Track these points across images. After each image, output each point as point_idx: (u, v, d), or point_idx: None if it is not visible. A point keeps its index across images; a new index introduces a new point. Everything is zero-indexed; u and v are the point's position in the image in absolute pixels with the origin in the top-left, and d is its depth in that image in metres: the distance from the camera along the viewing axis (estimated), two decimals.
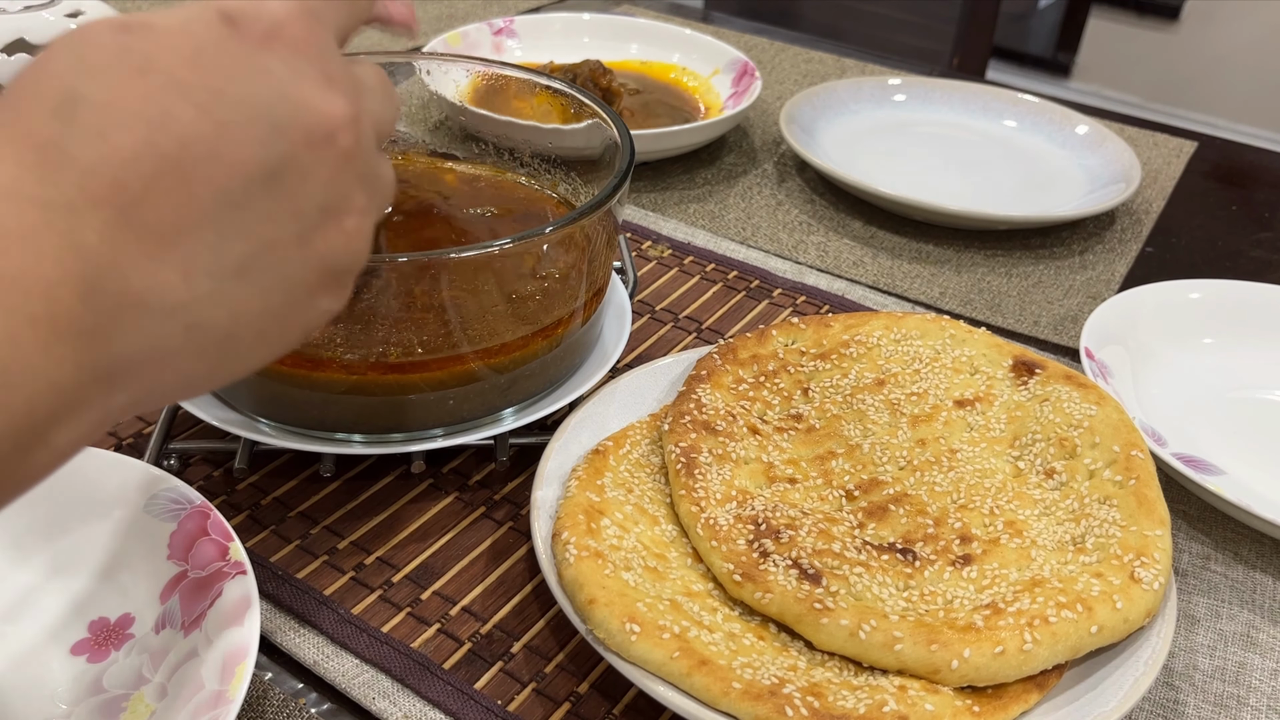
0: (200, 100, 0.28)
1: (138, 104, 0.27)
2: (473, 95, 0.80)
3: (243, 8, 0.30)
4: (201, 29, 0.29)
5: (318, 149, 0.30)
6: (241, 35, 0.30)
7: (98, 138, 0.27)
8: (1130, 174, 0.92)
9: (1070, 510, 0.52)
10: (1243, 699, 0.51)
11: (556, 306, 0.57)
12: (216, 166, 0.28)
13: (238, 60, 0.29)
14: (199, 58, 0.28)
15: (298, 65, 0.30)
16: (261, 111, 0.29)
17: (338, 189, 0.31)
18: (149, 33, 0.29)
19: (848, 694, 0.44)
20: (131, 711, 0.45)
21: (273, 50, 0.30)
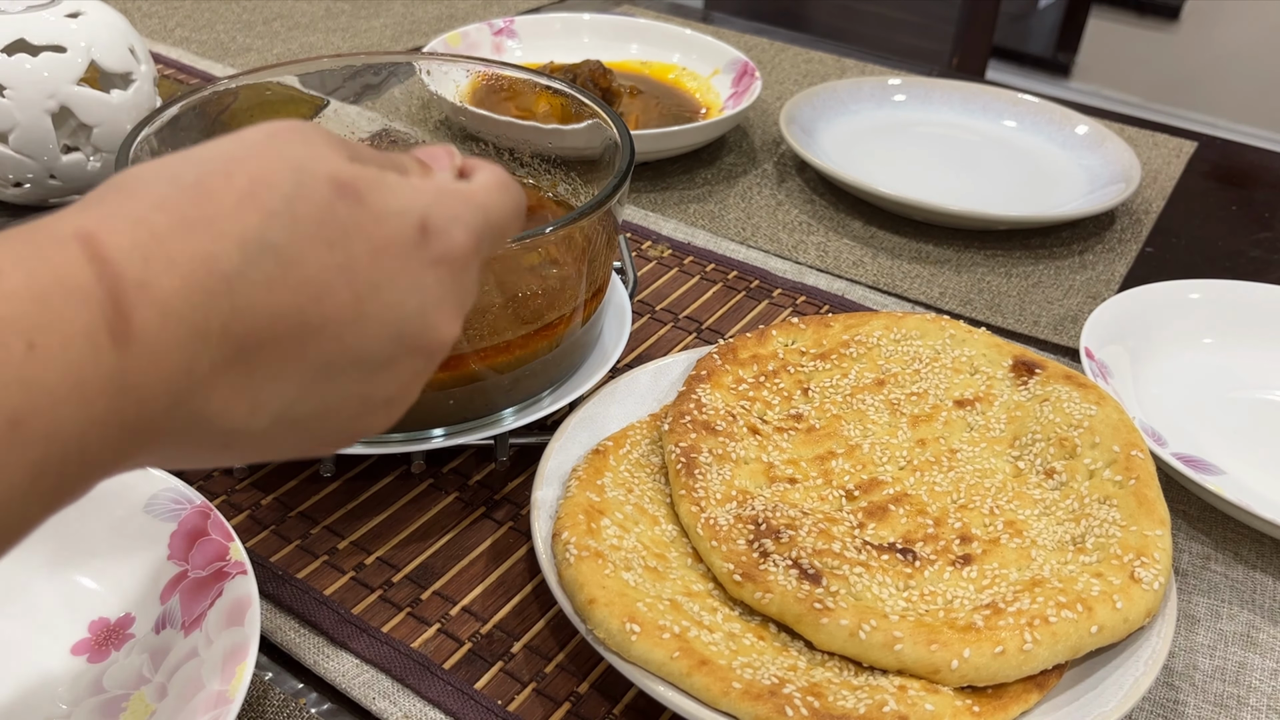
0: (359, 290, 0.30)
1: (312, 273, 0.29)
2: (473, 95, 0.80)
3: (438, 222, 0.33)
4: (398, 225, 0.31)
5: (416, 360, 0.33)
6: (425, 248, 0.32)
7: (265, 287, 0.28)
8: (1130, 174, 0.92)
9: (1070, 510, 0.52)
10: (1243, 699, 0.51)
11: (556, 306, 0.57)
12: (334, 345, 0.30)
13: (408, 268, 0.31)
14: (381, 252, 0.31)
15: (446, 291, 0.33)
16: (398, 319, 0.31)
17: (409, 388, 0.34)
18: (357, 207, 0.30)
19: (848, 694, 0.44)
20: (131, 711, 0.45)
21: (437, 271, 0.32)
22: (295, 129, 0.31)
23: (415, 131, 0.74)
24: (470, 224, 0.34)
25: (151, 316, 0.26)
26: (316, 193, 0.29)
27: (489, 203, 0.35)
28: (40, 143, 0.73)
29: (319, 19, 1.26)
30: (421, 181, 0.33)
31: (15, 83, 0.72)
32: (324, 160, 0.30)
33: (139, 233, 0.26)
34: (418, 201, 0.32)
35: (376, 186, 0.31)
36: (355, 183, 0.30)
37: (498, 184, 0.36)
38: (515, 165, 0.71)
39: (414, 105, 0.74)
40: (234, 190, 0.28)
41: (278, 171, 0.29)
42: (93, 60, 0.74)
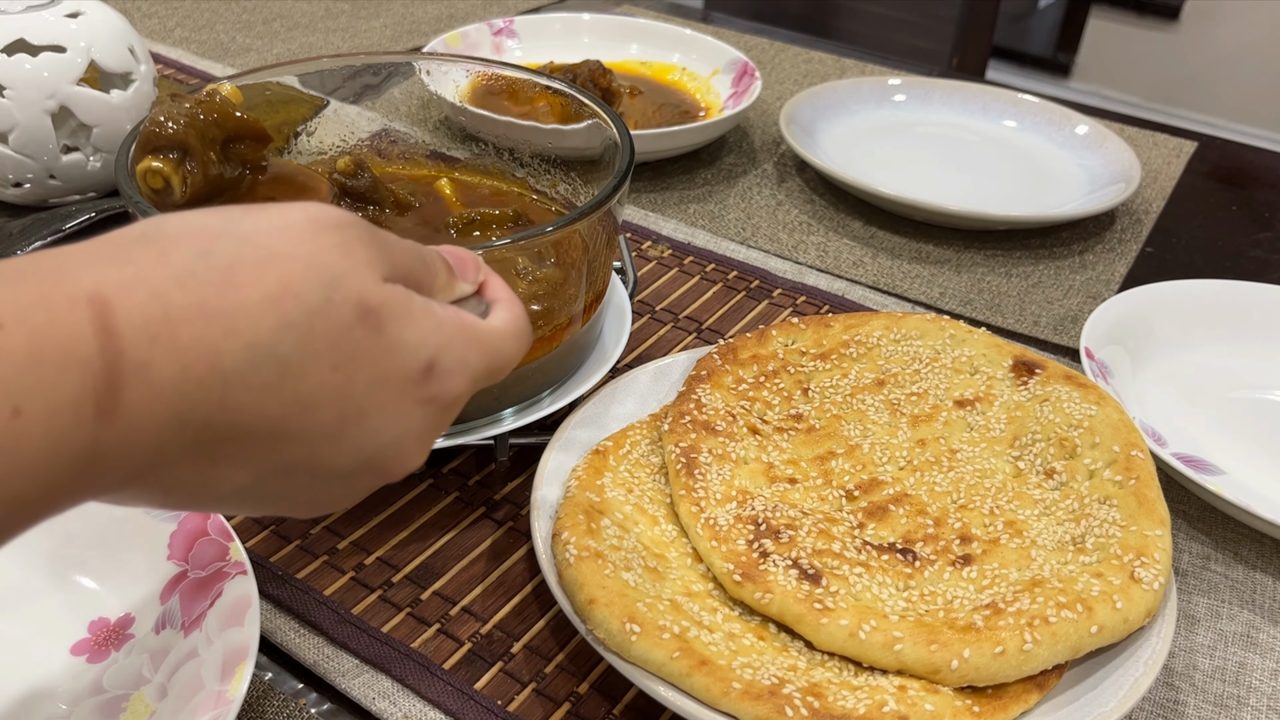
0: (347, 414, 0.30)
1: (308, 389, 0.29)
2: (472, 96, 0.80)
3: (445, 367, 0.33)
4: (406, 361, 0.32)
5: (378, 479, 0.34)
6: (424, 386, 0.33)
7: (260, 393, 0.28)
8: (1130, 174, 0.92)
9: (1070, 510, 0.52)
10: (1243, 699, 0.51)
11: (556, 306, 0.57)
12: (303, 454, 0.30)
13: (401, 402, 0.32)
14: (381, 383, 0.31)
15: (426, 428, 0.33)
16: (372, 446, 0.32)
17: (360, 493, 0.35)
18: (373, 336, 0.30)
19: (848, 694, 0.44)
20: (131, 712, 0.45)
21: (427, 409, 0.33)
22: (340, 228, 0.31)
23: (415, 131, 0.74)
24: (474, 370, 0.35)
25: (141, 397, 0.26)
26: (339, 313, 0.29)
27: (499, 349, 0.36)
28: (40, 143, 0.73)
29: (319, 19, 1.26)
30: (443, 316, 0.34)
31: (15, 83, 0.72)
32: (357, 278, 0.30)
33: (153, 308, 0.26)
34: (432, 339, 0.33)
35: (399, 316, 0.31)
36: (380, 310, 0.31)
37: (513, 332, 0.37)
38: (515, 165, 0.71)
39: (414, 105, 0.74)
40: (260, 289, 0.28)
41: (308, 281, 0.29)
42: (92, 60, 0.74)
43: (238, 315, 0.28)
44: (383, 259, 0.32)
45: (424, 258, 0.35)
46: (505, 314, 0.37)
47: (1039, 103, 1.06)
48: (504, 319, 0.37)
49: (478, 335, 0.35)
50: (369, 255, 0.31)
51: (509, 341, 0.37)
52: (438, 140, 0.74)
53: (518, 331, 0.37)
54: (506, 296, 0.38)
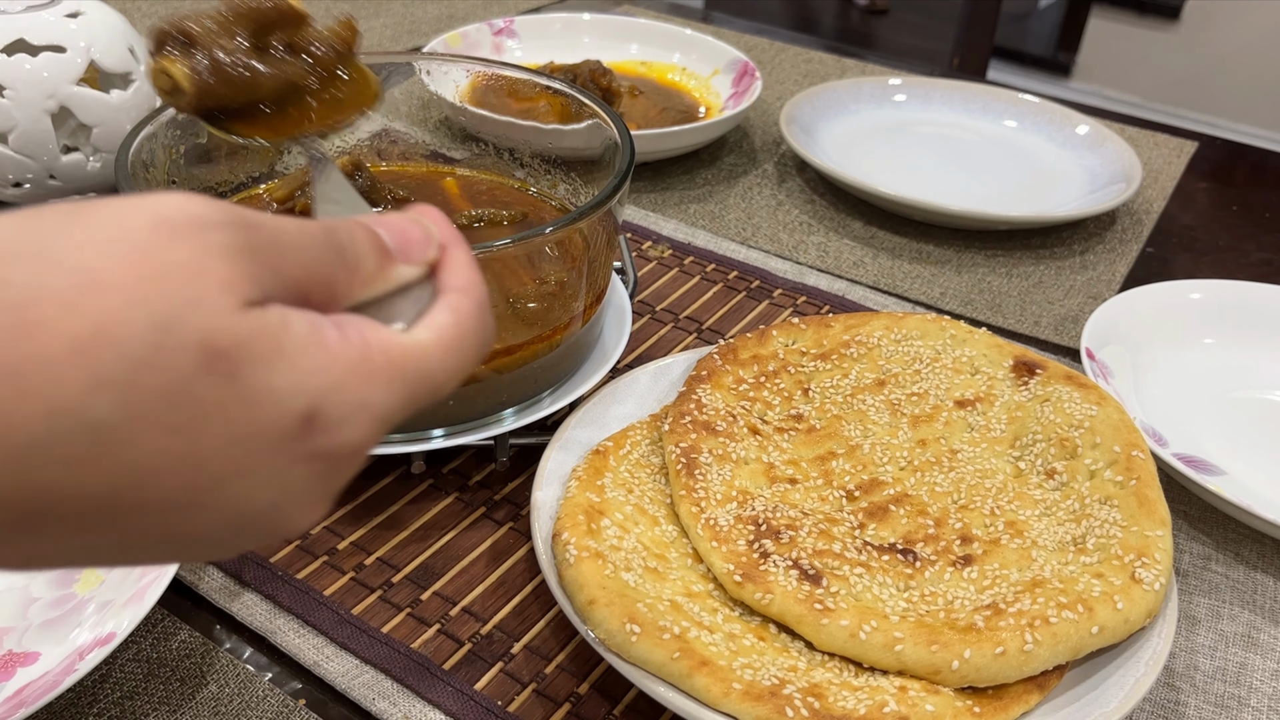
0: (200, 483, 0.24)
1: (137, 459, 0.23)
2: (472, 96, 0.80)
3: (332, 414, 0.26)
4: (273, 413, 0.25)
5: (263, 539, 0.28)
6: (302, 442, 0.25)
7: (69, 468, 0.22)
8: (1131, 174, 0.92)
9: (1071, 511, 0.52)
10: (1244, 700, 0.51)
11: (556, 307, 0.57)
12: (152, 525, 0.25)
13: (271, 460, 0.25)
14: (240, 442, 0.24)
15: (314, 485, 0.27)
16: (241, 512, 0.26)
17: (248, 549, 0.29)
18: (226, 386, 0.24)
19: (848, 695, 0.44)
20: (84, 580, 0.50)
21: (312, 466, 0.26)
22: (194, 234, 0.24)
23: (415, 131, 0.73)
24: (379, 411, 0.27)
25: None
26: (176, 363, 0.23)
27: (424, 374, 0.28)
28: (40, 143, 0.73)
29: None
30: (336, 347, 0.26)
31: (15, 83, 0.72)
32: (203, 311, 0.23)
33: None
34: (313, 382, 0.25)
35: (262, 357, 0.24)
36: (233, 353, 0.24)
37: (448, 344, 0.29)
38: (515, 165, 0.71)
39: (414, 105, 0.74)
40: (65, 335, 0.22)
41: (132, 321, 0.22)
42: (92, 60, 0.74)
43: (33, 373, 0.21)
44: (255, 272, 0.25)
45: (338, 248, 0.28)
46: (445, 317, 0.30)
47: (1039, 103, 1.06)
48: (440, 326, 0.29)
49: (388, 361, 0.27)
50: (229, 273, 0.24)
51: (441, 359, 0.29)
52: (438, 140, 0.74)
53: (457, 342, 0.29)
54: (463, 283, 0.31)
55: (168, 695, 0.47)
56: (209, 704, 0.47)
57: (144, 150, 0.58)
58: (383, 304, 0.29)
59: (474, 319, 0.30)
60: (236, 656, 0.50)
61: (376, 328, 0.28)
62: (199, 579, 0.53)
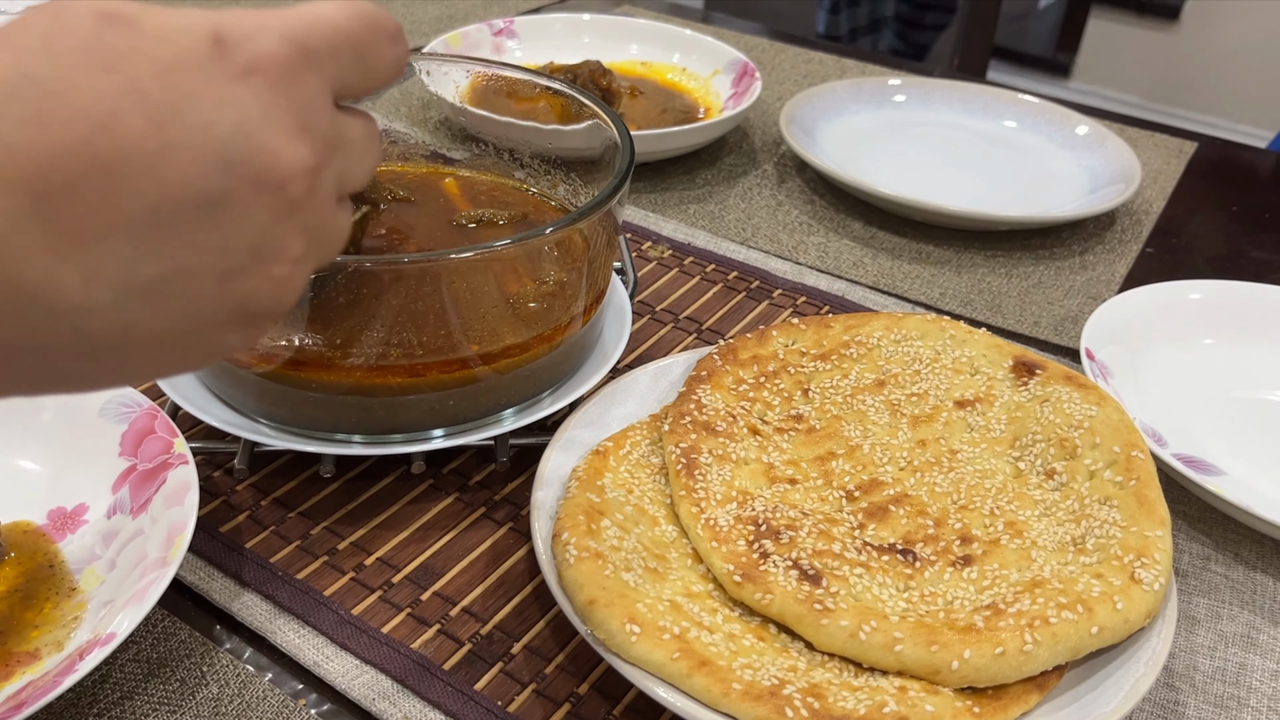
0: (155, 114, 0.27)
1: (88, 100, 0.26)
2: (472, 96, 0.80)
3: (236, 32, 0.29)
4: (186, 41, 0.28)
5: (263, 193, 0.29)
6: (224, 60, 0.28)
7: (34, 122, 0.25)
8: (1130, 174, 0.92)
9: (1070, 511, 0.52)
10: (1243, 700, 0.51)
11: (556, 307, 0.57)
12: (149, 183, 0.27)
13: (210, 84, 0.28)
14: (171, 71, 0.27)
15: (272, 105, 0.29)
16: (215, 142, 0.28)
17: (274, 235, 0.30)
18: (130, 30, 0.27)
19: (848, 695, 0.44)
20: (84, 579, 0.51)
21: (250, 83, 0.29)
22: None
23: (415, 131, 0.73)
24: (283, 30, 0.30)
25: None
26: (77, 24, 0.27)
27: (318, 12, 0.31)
28: None
29: None
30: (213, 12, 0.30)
31: None
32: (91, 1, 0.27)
33: None
34: (204, 18, 0.29)
35: (147, 13, 0.28)
36: (123, 10, 0.27)
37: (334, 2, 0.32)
38: (515, 165, 0.71)
39: (413, 105, 0.74)
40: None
41: (33, 14, 0.27)
42: None
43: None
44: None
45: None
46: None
47: (1039, 103, 1.06)
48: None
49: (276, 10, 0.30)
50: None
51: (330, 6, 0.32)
52: (438, 140, 0.74)
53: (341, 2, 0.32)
54: None
55: (168, 695, 0.47)
56: (209, 704, 0.47)
57: None
58: None
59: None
60: (236, 657, 0.50)
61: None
62: (199, 580, 0.53)
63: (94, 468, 0.55)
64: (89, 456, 0.56)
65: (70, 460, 0.56)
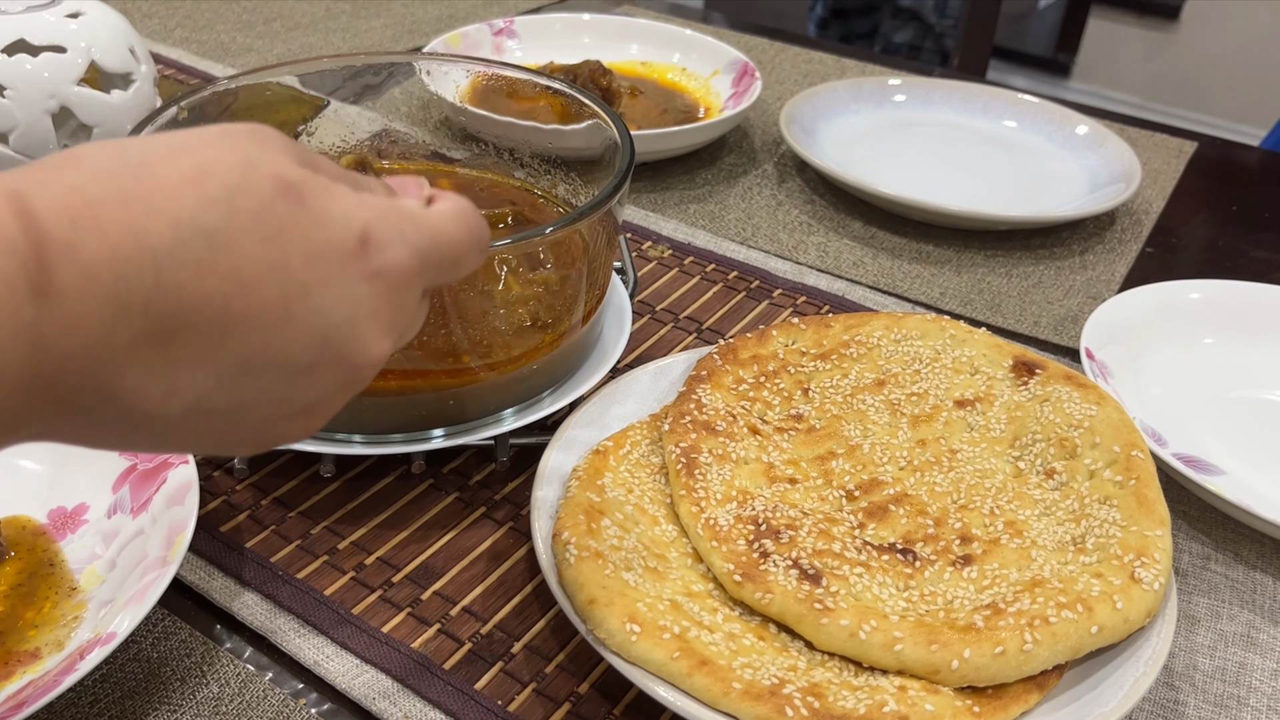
0: (290, 291, 0.30)
1: (243, 264, 0.29)
2: (473, 96, 0.80)
3: (380, 237, 0.32)
4: (338, 233, 0.31)
5: (340, 371, 0.32)
6: (362, 259, 0.31)
7: (193, 269, 0.28)
8: (1130, 174, 0.92)
9: (1070, 510, 0.52)
10: (1243, 699, 0.51)
11: (557, 307, 0.57)
12: (257, 341, 0.30)
13: (343, 276, 0.31)
14: (317, 256, 0.30)
15: (379, 305, 0.32)
16: (325, 326, 0.31)
17: (331, 398, 0.34)
18: (298, 208, 0.30)
19: (848, 694, 0.44)
20: (85, 578, 0.51)
21: (374, 285, 0.32)
22: (252, 129, 0.31)
23: (415, 131, 0.74)
24: (415, 244, 0.33)
25: (74, 276, 0.26)
26: (259, 187, 0.29)
27: (440, 227, 0.35)
28: (40, 143, 0.73)
29: (319, 19, 1.26)
30: (371, 197, 0.33)
31: (15, 83, 0.72)
32: (272, 160, 0.30)
33: (72, 198, 0.27)
34: (361, 214, 0.32)
35: (321, 192, 0.31)
36: (300, 186, 0.30)
37: (454, 212, 0.36)
38: (515, 165, 0.71)
39: (414, 105, 0.74)
40: (176, 172, 0.28)
41: (224, 162, 0.29)
42: (93, 60, 0.74)
43: (156, 196, 0.28)
44: (300, 152, 0.32)
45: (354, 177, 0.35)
46: (446, 203, 0.36)
47: (1039, 103, 1.06)
48: (442, 205, 0.36)
49: (413, 214, 0.34)
50: (284, 144, 0.31)
51: (450, 221, 0.35)
52: (438, 140, 0.74)
53: (459, 212, 0.36)
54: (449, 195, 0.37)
55: (168, 695, 0.48)
56: (209, 704, 0.47)
57: None
58: None
59: (469, 206, 0.37)
60: (237, 656, 0.50)
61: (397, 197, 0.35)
62: (200, 579, 0.53)
63: (94, 467, 0.55)
64: (89, 456, 0.55)
65: (70, 459, 0.56)
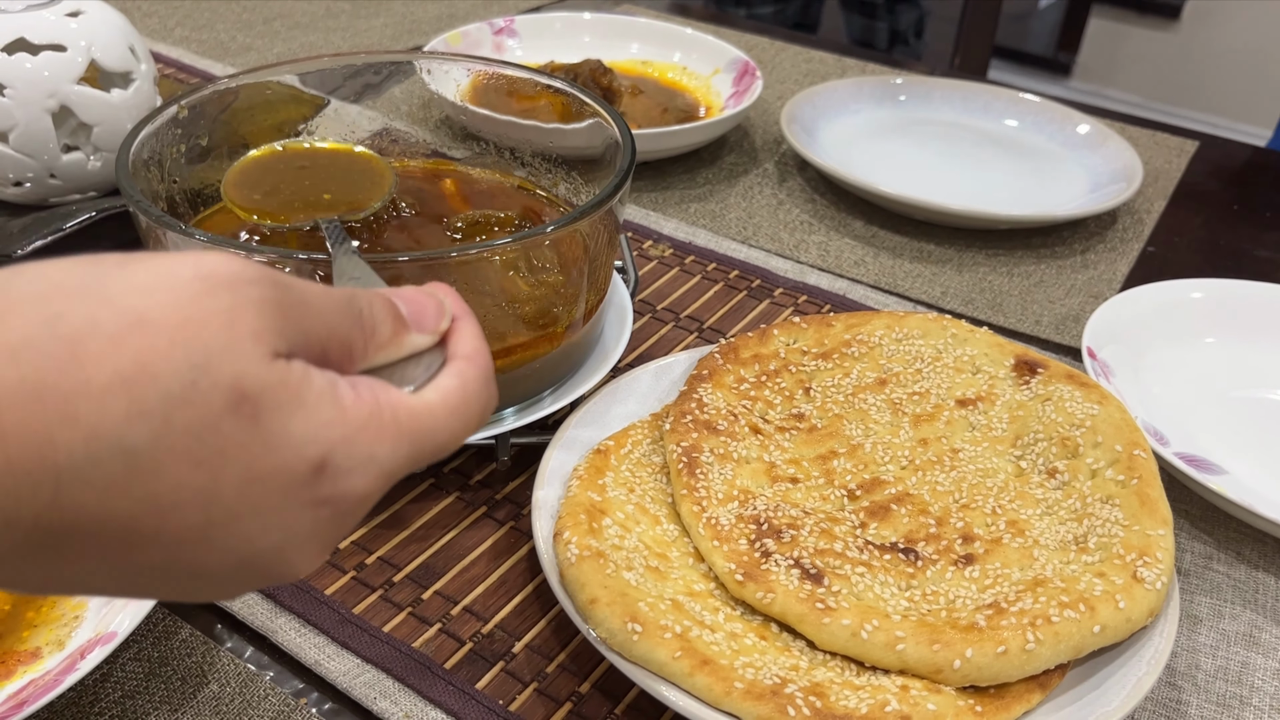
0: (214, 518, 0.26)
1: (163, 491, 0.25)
2: (473, 95, 0.80)
3: (342, 466, 0.28)
4: (291, 459, 0.27)
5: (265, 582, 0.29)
6: (313, 487, 0.28)
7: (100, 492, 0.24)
8: (1132, 173, 0.92)
9: (1072, 510, 0.52)
10: (1245, 699, 0.51)
11: (557, 306, 0.57)
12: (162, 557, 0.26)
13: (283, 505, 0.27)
14: (255, 484, 0.26)
15: (319, 532, 0.29)
16: (248, 553, 0.27)
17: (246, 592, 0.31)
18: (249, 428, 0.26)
19: (850, 694, 0.44)
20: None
21: (318, 512, 0.28)
22: (233, 287, 0.26)
23: (416, 130, 0.73)
24: (385, 465, 0.29)
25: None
26: (206, 401, 0.25)
27: (428, 432, 0.31)
28: (40, 142, 0.73)
29: (319, 18, 1.26)
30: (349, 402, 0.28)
31: (15, 82, 0.71)
32: (235, 357, 0.26)
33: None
34: (327, 433, 0.27)
35: (284, 404, 0.26)
36: (259, 398, 0.26)
37: (453, 407, 0.31)
38: (516, 164, 0.71)
39: (414, 104, 0.74)
40: (110, 368, 0.24)
41: (172, 360, 0.24)
42: (93, 59, 0.74)
43: (79, 399, 0.23)
44: (283, 328, 0.27)
45: (358, 313, 0.30)
46: (451, 382, 0.32)
47: (1040, 102, 1.06)
48: (446, 390, 0.31)
49: (395, 420, 0.29)
50: (260, 325, 0.26)
51: (445, 420, 0.31)
52: (438, 139, 0.74)
53: (461, 405, 0.32)
54: (470, 351, 0.33)
55: (169, 694, 0.47)
56: (210, 703, 0.47)
57: (145, 149, 0.58)
58: (396, 368, 0.32)
59: (478, 384, 0.32)
60: (237, 656, 0.50)
61: (388, 389, 0.30)
62: None
63: None
64: None
65: None
